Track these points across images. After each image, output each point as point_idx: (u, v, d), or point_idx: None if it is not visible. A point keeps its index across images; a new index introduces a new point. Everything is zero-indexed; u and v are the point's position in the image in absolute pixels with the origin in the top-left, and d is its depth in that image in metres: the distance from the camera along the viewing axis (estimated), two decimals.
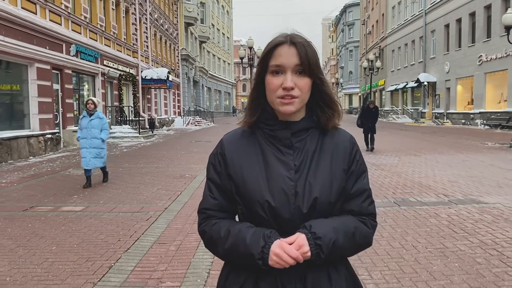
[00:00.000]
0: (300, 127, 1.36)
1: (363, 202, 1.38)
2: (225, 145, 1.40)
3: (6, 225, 5.66)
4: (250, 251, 1.25)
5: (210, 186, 1.41)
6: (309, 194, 1.30)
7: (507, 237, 4.79)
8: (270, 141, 1.36)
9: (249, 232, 1.28)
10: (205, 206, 1.41)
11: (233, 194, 1.37)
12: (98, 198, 7.30)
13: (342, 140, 1.40)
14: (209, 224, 1.38)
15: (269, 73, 1.32)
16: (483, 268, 3.92)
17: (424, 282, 3.66)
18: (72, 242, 4.91)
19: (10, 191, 8.03)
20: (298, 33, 1.35)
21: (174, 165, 11.51)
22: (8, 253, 4.58)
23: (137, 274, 3.94)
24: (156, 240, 4.94)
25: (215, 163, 1.40)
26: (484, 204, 6.39)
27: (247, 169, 1.34)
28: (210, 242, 1.37)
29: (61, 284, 3.74)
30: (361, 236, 1.34)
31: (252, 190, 1.31)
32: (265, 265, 1.24)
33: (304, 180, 1.31)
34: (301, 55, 1.29)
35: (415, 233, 5.00)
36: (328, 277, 1.32)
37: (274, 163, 1.33)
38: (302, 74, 1.30)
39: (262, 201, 1.29)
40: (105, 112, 20.83)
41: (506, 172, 9.46)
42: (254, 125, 1.39)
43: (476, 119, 28.42)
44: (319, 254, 1.24)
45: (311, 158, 1.35)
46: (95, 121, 8.28)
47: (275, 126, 1.35)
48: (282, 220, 1.29)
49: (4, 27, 12.39)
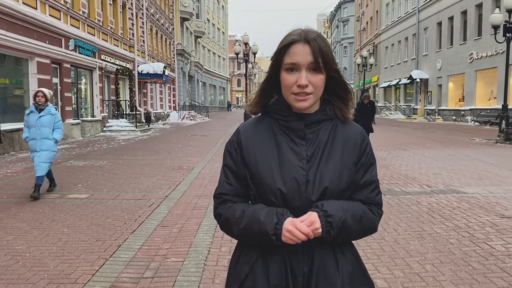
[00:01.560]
0: (314, 119, 1.42)
1: (371, 193, 1.45)
2: (241, 133, 1.47)
3: (18, 210, 6.06)
4: (265, 228, 1.31)
5: (226, 172, 1.48)
6: (320, 183, 1.36)
7: (479, 222, 5.26)
8: (284, 131, 1.42)
9: (263, 211, 1.35)
10: (221, 191, 1.48)
11: (248, 180, 1.43)
12: (101, 187, 7.70)
13: (353, 132, 1.46)
14: (225, 207, 1.45)
15: (284, 70, 1.37)
16: (455, 247, 4.39)
17: (401, 258, 4.12)
18: (81, 225, 5.32)
19: (16, 180, 8.41)
20: (310, 28, 1.40)
21: (172, 157, 11.91)
22: (23, 234, 4.99)
23: (144, 252, 4.37)
24: (159, 224, 5.36)
25: (231, 150, 1.47)
26: (463, 194, 6.87)
27: (261, 157, 1.41)
28: (225, 223, 1.44)
29: (76, 259, 4.16)
30: (368, 220, 1.41)
31: (265, 177, 1.38)
32: (278, 241, 1.31)
33: (316, 169, 1.37)
34: (315, 53, 1.34)
35: (397, 218, 5.47)
36: (334, 259, 1.38)
37: (287, 153, 1.39)
38: (316, 71, 1.35)
39: (274, 188, 1.36)
40: (102, 106, 21.18)
41: (488, 165, 9.96)
42: (269, 114, 1.47)
43: (467, 116, 29.00)
44: (329, 231, 1.31)
45: (323, 149, 1.40)
46: (46, 118, 6.85)
47: (289, 118, 1.41)
48: (292, 207, 1.35)
49: (6, 22, 12.70)
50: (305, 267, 1.35)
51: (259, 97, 1.47)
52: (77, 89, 18.90)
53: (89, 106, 20.27)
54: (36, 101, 6.89)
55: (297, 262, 1.35)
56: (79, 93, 19.11)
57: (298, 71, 1.34)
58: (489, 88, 27.15)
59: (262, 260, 1.38)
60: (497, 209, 5.90)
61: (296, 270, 1.35)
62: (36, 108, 6.88)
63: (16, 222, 5.45)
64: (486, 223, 5.20)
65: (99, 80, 20.61)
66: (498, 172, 9.06)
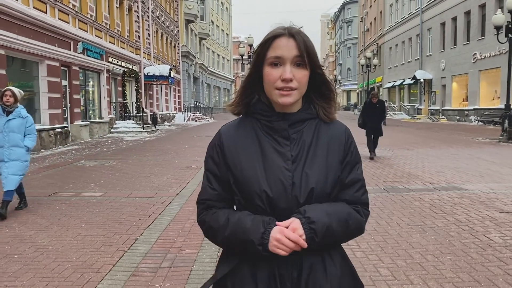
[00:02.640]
0: (297, 118, 1.38)
1: (357, 192, 1.41)
2: (223, 136, 1.42)
3: (36, 207, 6.33)
4: (250, 238, 1.28)
5: (209, 177, 1.43)
6: (306, 185, 1.32)
7: (479, 216, 5.49)
8: (267, 132, 1.38)
9: (248, 219, 1.31)
10: (204, 197, 1.43)
11: (231, 185, 1.39)
12: (114, 185, 7.96)
13: (338, 131, 1.43)
14: (209, 214, 1.40)
15: (268, 64, 1.33)
16: (455, 240, 4.62)
17: (404, 250, 4.35)
18: (98, 221, 5.58)
19: (31, 179, 8.69)
20: (295, 26, 1.37)
21: (180, 157, 12.17)
22: (44, 229, 5.25)
23: (160, 244, 4.62)
24: (172, 219, 5.62)
25: (213, 154, 1.43)
26: (464, 191, 7.08)
27: (245, 160, 1.36)
28: (209, 231, 1.40)
29: (96, 252, 4.42)
30: (354, 223, 1.37)
31: (250, 180, 1.33)
32: (265, 251, 1.27)
33: (301, 170, 1.33)
34: (300, 47, 1.31)
35: (400, 214, 5.69)
36: (323, 264, 1.35)
37: (271, 154, 1.35)
38: (300, 66, 1.32)
39: (260, 191, 1.32)
40: (109, 107, 21.51)
41: (490, 164, 10.15)
42: (250, 115, 1.42)
43: (471, 116, 29.12)
44: (313, 238, 1.27)
45: (308, 149, 1.37)
46: (15, 122, 5.83)
47: (272, 117, 1.37)
48: (279, 210, 1.32)
49: (17, 26, 13.02)
50: (294, 273, 1.32)
51: (241, 95, 1.42)
52: (85, 91, 19.22)
53: (97, 108, 20.59)
54: (3, 102, 5.79)
55: (285, 267, 1.32)
56: (87, 95, 19.44)
57: (282, 66, 1.31)
58: (493, 88, 27.26)
59: (248, 267, 1.35)
60: (496, 204, 6.12)
61: (285, 275, 1.32)
62: (3, 110, 5.79)
63: (36, 218, 5.71)
64: (485, 218, 5.43)
65: (106, 82, 20.93)
66: (499, 169, 9.26)
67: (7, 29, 12.45)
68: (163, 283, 3.61)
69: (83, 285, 3.60)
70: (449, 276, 3.68)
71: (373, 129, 11.15)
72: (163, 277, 3.74)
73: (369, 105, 11.29)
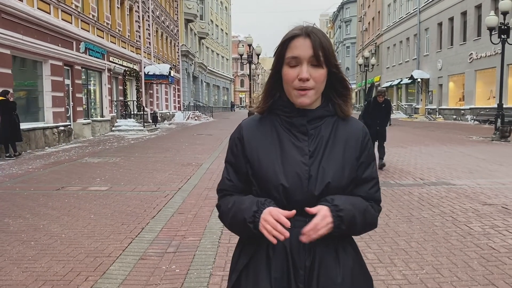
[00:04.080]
0: (316, 115, 1.42)
1: (371, 189, 1.46)
2: (244, 129, 1.48)
3: (46, 200, 6.69)
4: (244, 216, 1.34)
5: (228, 168, 1.50)
6: (322, 179, 1.36)
7: (463, 208, 5.86)
8: (287, 127, 1.43)
9: (247, 201, 1.38)
10: (221, 187, 1.52)
11: (249, 176, 1.44)
12: (119, 180, 8.32)
13: (355, 128, 1.47)
14: (224, 200, 1.49)
15: (286, 64, 1.37)
16: (438, 229, 4.99)
17: (390, 238, 4.72)
18: (106, 212, 5.94)
19: (38, 175, 9.05)
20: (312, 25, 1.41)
21: (180, 155, 12.52)
22: (55, 219, 5.61)
23: (165, 233, 4.98)
24: (176, 211, 5.97)
25: (232, 147, 1.49)
26: (452, 186, 7.46)
27: (263, 153, 1.41)
28: (221, 214, 1.49)
29: (106, 239, 4.78)
30: (370, 216, 1.43)
31: (268, 172, 1.38)
32: (256, 229, 1.31)
33: (318, 165, 1.37)
34: (316, 46, 1.34)
35: (389, 206, 6.06)
36: (335, 254, 1.39)
37: (289, 148, 1.39)
38: (317, 66, 1.35)
39: (277, 184, 1.36)
40: (111, 106, 21.86)
41: (480, 161, 10.53)
42: (271, 111, 1.47)
43: (467, 115, 29.51)
44: (339, 225, 1.31)
45: (325, 144, 1.41)
46: None
47: (292, 113, 1.42)
48: (294, 202, 1.35)
49: (22, 26, 13.36)
50: (307, 261, 1.36)
51: (266, 97, 1.48)
52: (87, 90, 19.59)
53: (99, 107, 20.94)
54: None
55: (298, 256, 1.35)
56: (89, 94, 19.80)
57: (300, 65, 1.35)
58: (489, 88, 27.65)
59: (264, 253, 1.39)
60: (481, 198, 6.49)
61: (298, 264, 1.35)
62: None
63: (47, 210, 6.07)
64: (468, 209, 5.80)
65: (108, 81, 21.28)
66: (488, 166, 9.64)
67: (13, 30, 12.79)
68: (169, 266, 3.97)
69: (96, 267, 3.96)
70: (429, 259, 4.05)
71: (378, 132, 9.30)
72: (169, 260, 4.10)
73: (374, 105, 9.51)
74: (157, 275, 3.75)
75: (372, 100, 9.72)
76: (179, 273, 3.79)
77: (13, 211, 5.98)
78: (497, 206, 5.96)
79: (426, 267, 3.86)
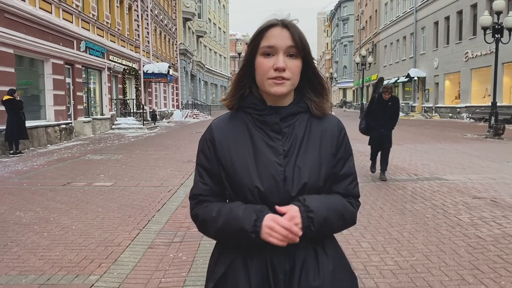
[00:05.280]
0: (289, 112, 1.37)
1: (349, 185, 1.42)
2: (214, 130, 1.41)
3: (54, 195, 6.94)
4: (243, 226, 1.27)
5: (201, 172, 1.42)
6: (298, 179, 1.32)
7: (454, 201, 6.15)
8: (259, 126, 1.37)
9: (240, 209, 1.31)
10: (196, 192, 1.42)
11: (223, 180, 1.38)
12: (122, 177, 8.57)
13: (330, 124, 1.42)
14: (201, 208, 1.40)
15: (260, 54, 1.32)
16: (429, 220, 5.27)
17: (384, 228, 5.00)
18: (112, 206, 6.20)
19: (44, 171, 9.30)
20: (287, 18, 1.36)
21: (181, 152, 12.78)
22: (64, 213, 5.86)
23: (170, 224, 5.25)
24: (179, 205, 6.24)
25: (204, 149, 1.42)
26: (444, 181, 7.75)
27: (236, 154, 1.35)
28: (202, 224, 1.39)
29: (115, 230, 5.04)
30: (348, 214, 1.38)
31: (241, 175, 1.33)
32: (258, 239, 1.26)
33: (293, 165, 1.33)
34: (295, 37, 1.30)
35: (384, 200, 6.34)
36: (315, 258, 1.34)
37: (262, 148, 1.34)
38: (293, 57, 1.31)
39: (252, 187, 1.31)
40: (110, 104, 22.10)
41: (474, 158, 10.83)
42: (242, 109, 1.41)
43: (462, 113, 29.85)
44: (309, 227, 1.27)
45: (300, 143, 1.36)
46: None
47: (263, 111, 1.36)
48: (271, 204, 1.30)
49: (25, 26, 13.59)
50: (287, 266, 1.32)
51: (235, 89, 1.41)
52: (88, 89, 19.82)
53: (99, 105, 21.17)
54: None
55: (278, 260, 1.31)
56: (89, 92, 20.03)
57: (275, 55, 1.30)
58: (484, 86, 27.98)
59: (241, 260, 1.34)
60: (471, 192, 6.78)
61: (277, 268, 1.31)
62: None
63: (55, 204, 6.33)
64: (459, 202, 6.09)
65: (107, 80, 21.52)
66: (481, 163, 9.94)
67: (16, 29, 13.02)
68: (176, 254, 4.24)
69: (108, 255, 4.22)
70: (420, 248, 4.33)
71: (382, 137, 7.98)
72: (176, 249, 4.37)
73: (378, 103, 7.94)
74: (165, 262, 4.02)
75: (376, 97, 8.06)
76: (186, 260, 4.06)
77: (23, 205, 6.24)
78: (486, 200, 6.25)
79: (417, 254, 4.14)
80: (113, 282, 3.58)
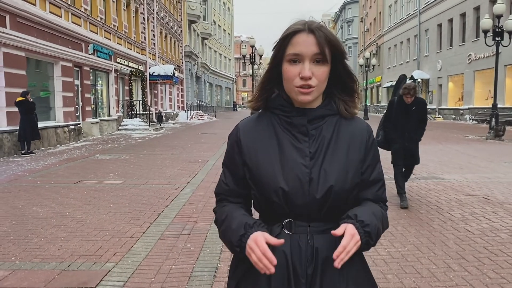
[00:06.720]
0: (317, 115, 1.35)
1: (378, 191, 1.41)
2: (241, 131, 1.41)
3: (66, 192, 7.30)
4: (231, 238, 1.29)
5: (225, 172, 1.45)
6: (324, 182, 1.29)
7: (447, 199, 6.45)
8: (286, 127, 1.35)
9: (235, 220, 1.31)
10: (217, 191, 1.48)
11: (247, 180, 1.38)
12: (131, 175, 8.93)
13: (359, 128, 1.39)
14: (220, 206, 1.45)
15: (286, 61, 1.30)
16: (423, 216, 5.58)
17: None
18: (123, 202, 6.55)
19: (55, 170, 9.67)
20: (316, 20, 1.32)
21: (187, 152, 13.13)
22: (78, 208, 6.22)
23: (179, 219, 5.59)
24: (187, 201, 6.57)
25: (229, 149, 1.44)
26: (441, 179, 8.05)
27: (262, 155, 1.35)
28: (216, 222, 1.45)
29: (127, 224, 5.39)
30: (386, 220, 1.39)
31: (267, 176, 1.32)
32: (242, 253, 1.26)
33: (319, 167, 1.31)
34: (321, 43, 1.27)
35: None
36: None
37: (289, 150, 1.33)
38: (320, 63, 1.28)
39: (276, 188, 1.30)
40: (117, 106, 22.51)
41: (472, 158, 11.11)
42: (269, 110, 1.40)
43: (465, 115, 30.06)
44: (368, 242, 1.25)
45: (327, 145, 1.34)
46: None
47: (291, 113, 1.35)
48: (295, 205, 1.29)
49: (36, 29, 14.01)
50: (309, 269, 1.29)
51: (261, 91, 1.41)
52: (95, 90, 20.24)
53: (106, 106, 21.59)
54: None
55: (300, 264, 1.29)
56: (97, 94, 20.45)
57: (301, 63, 1.27)
58: (487, 88, 28.16)
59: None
60: (465, 190, 7.09)
61: (299, 272, 1.29)
62: None
63: (69, 200, 6.68)
64: (452, 200, 6.40)
65: (114, 81, 21.94)
66: (479, 163, 10.22)
67: (28, 33, 13.43)
68: (185, 244, 4.57)
69: (122, 245, 4.56)
70: (412, 240, 4.65)
71: (406, 152, 6.39)
72: (185, 240, 4.71)
73: (398, 106, 6.19)
74: (175, 252, 4.35)
75: (396, 100, 6.26)
76: (194, 250, 4.39)
77: (39, 201, 6.60)
78: (479, 197, 6.56)
79: (408, 246, 4.46)
80: (128, 269, 3.92)
